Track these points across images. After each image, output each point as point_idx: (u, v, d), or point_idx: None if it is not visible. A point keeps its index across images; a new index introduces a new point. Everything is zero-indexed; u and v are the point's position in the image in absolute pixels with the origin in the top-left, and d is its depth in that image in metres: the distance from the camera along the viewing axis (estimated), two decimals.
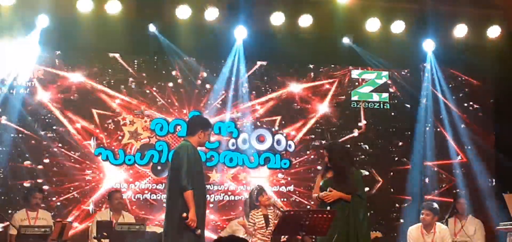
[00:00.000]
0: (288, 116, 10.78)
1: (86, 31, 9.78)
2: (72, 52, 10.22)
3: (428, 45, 10.87)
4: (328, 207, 7.49)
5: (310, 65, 10.95)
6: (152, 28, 10.09)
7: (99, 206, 9.92)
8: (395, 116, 11.13)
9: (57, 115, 10.05)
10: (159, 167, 10.26)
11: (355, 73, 11.08)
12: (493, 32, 10.64)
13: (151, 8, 10.01)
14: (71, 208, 9.93)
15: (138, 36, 10.19)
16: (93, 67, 10.26)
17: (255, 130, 10.64)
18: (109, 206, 9.34)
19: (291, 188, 10.63)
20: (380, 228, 10.24)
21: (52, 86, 10.09)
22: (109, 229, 8.33)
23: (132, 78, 10.36)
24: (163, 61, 10.48)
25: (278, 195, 10.48)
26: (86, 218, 9.91)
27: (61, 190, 9.96)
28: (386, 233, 10.34)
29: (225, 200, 10.45)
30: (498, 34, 10.63)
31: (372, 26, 10.38)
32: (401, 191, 10.92)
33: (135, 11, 9.96)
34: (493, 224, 9.60)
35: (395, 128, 11.12)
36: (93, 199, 9.99)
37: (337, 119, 10.92)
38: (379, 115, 11.07)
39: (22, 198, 9.36)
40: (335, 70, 11.05)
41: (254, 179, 10.36)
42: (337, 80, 11.01)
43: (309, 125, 10.81)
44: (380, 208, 10.70)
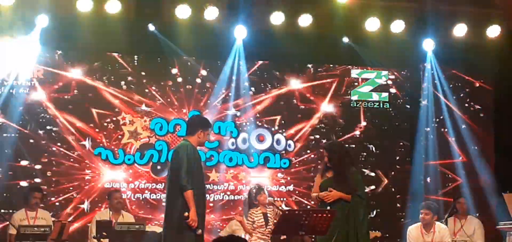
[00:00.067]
0: (288, 116, 10.78)
1: (86, 31, 9.78)
2: (72, 52, 10.21)
3: (428, 45, 10.86)
4: (328, 207, 7.50)
5: (310, 65, 10.95)
6: (152, 28, 10.09)
7: (99, 206, 9.92)
8: (395, 116, 11.13)
9: (56, 115, 10.04)
10: (159, 167, 10.25)
11: (355, 73, 11.07)
12: (493, 32, 10.63)
13: (151, 8, 10.01)
14: (70, 208, 9.92)
15: (138, 36, 10.18)
16: (93, 67, 10.23)
17: (255, 130, 10.64)
18: (109, 206, 9.32)
19: (291, 188, 10.63)
20: (383, 228, 10.23)
21: (52, 86, 10.06)
22: (109, 229, 8.33)
23: (132, 78, 10.35)
24: (163, 61, 10.48)
25: (278, 195, 10.47)
26: (82, 217, 9.90)
27: (60, 190, 9.94)
28: (389, 233, 10.33)
29: (225, 200, 10.45)
30: (498, 34, 10.62)
31: (372, 26, 10.37)
32: (403, 191, 10.91)
33: (135, 11, 9.96)
34: (496, 224, 9.58)
35: (395, 128, 11.11)
36: (90, 199, 9.98)
37: (337, 119, 10.91)
38: (379, 115, 11.06)
39: (21, 198, 9.33)
40: (335, 70, 11.05)
41: (254, 179, 10.35)
42: (337, 80, 11.00)
43: (309, 125, 10.80)
44: (382, 208, 10.72)
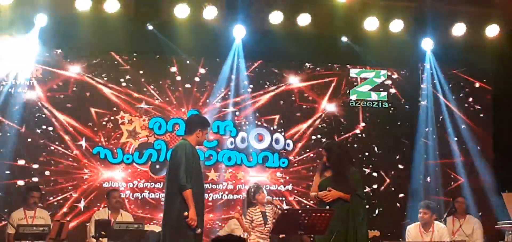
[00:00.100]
0: (287, 115, 10.77)
1: (85, 30, 9.77)
2: (71, 51, 10.20)
3: (427, 44, 10.85)
4: (327, 207, 7.50)
5: (309, 64, 10.94)
6: (151, 27, 10.08)
7: (97, 205, 9.91)
8: (394, 115, 11.13)
9: (55, 114, 10.03)
10: (158, 166, 10.25)
11: (354, 72, 11.07)
12: (492, 31, 10.63)
13: (150, 7, 9.99)
14: (69, 208, 9.91)
15: (137, 35, 10.17)
16: (92, 66, 10.23)
17: (254, 129, 10.63)
18: (107, 205, 9.31)
19: (290, 187, 10.63)
20: (383, 228, 10.22)
21: (51, 85, 10.06)
22: (108, 228, 8.33)
23: (131, 76, 10.34)
24: (162, 60, 10.47)
25: (277, 194, 10.46)
26: (79, 216, 9.89)
27: (59, 189, 9.94)
28: (389, 233, 10.32)
29: (224, 199, 10.44)
30: (497, 33, 10.62)
31: (371, 25, 10.35)
32: (404, 191, 10.91)
33: (134, 10, 9.95)
34: (496, 223, 9.57)
35: (395, 127, 11.11)
36: (88, 198, 9.97)
37: (336, 118, 10.91)
38: (378, 114, 11.06)
39: (20, 197, 9.33)
40: (334, 69, 11.04)
41: (253, 178, 10.34)
42: (336, 79, 11.00)
43: (308, 124, 10.80)
44: (382, 207, 10.73)
